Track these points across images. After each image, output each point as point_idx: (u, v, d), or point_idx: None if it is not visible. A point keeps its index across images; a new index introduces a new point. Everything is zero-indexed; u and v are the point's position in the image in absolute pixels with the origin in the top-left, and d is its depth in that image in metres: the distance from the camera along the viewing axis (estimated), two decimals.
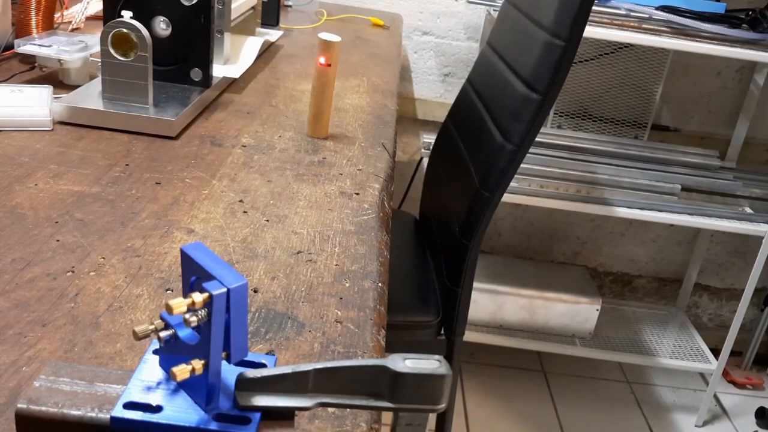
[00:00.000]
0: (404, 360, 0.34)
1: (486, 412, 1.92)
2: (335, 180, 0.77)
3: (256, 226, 0.64)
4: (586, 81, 2.04)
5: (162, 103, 0.86)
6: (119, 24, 0.80)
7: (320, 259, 0.60)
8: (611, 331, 2.07)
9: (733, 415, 2.06)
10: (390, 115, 1.05)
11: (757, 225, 1.78)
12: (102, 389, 0.36)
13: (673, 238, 2.24)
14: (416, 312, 1.16)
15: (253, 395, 0.35)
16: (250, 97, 1.02)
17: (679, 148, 2.02)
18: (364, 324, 0.52)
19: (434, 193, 1.41)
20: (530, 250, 2.25)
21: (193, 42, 0.94)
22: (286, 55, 1.31)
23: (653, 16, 1.74)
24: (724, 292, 2.31)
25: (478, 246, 1.10)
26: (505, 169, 1.05)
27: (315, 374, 0.34)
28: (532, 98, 1.01)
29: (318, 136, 0.89)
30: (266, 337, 0.48)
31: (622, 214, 1.77)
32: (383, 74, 1.27)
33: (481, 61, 1.34)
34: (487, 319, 1.95)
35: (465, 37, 2.02)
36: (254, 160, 0.79)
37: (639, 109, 2.07)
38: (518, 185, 1.78)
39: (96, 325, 0.47)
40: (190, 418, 0.34)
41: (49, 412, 0.34)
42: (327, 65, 0.86)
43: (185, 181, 0.71)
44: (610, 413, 1.99)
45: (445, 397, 0.34)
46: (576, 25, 0.96)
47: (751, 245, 2.21)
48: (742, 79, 2.05)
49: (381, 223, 0.70)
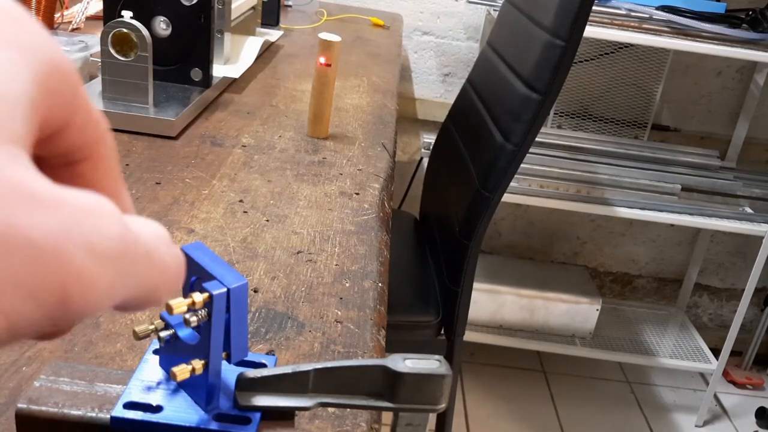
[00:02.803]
0: (404, 360, 0.34)
1: (486, 412, 1.92)
2: (335, 180, 0.77)
3: (256, 226, 0.64)
4: (586, 81, 2.04)
5: (162, 103, 0.86)
6: (119, 24, 0.80)
7: (320, 259, 0.60)
8: (611, 331, 2.07)
9: (733, 415, 2.06)
10: (390, 115, 1.05)
11: (757, 225, 1.77)
12: (102, 389, 0.36)
13: (673, 238, 2.24)
14: (416, 312, 1.16)
15: (253, 395, 0.35)
16: (250, 97, 1.02)
17: (679, 148, 2.02)
18: (364, 324, 0.52)
19: (434, 193, 1.41)
20: (530, 250, 2.25)
21: (193, 42, 0.94)
22: (286, 55, 1.31)
23: (653, 16, 1.74)
24: (724, 292, 2.31)
25: (478, 246, 1.10)
26: (505, 169, 1.05)
27: (315, 374, 0.34)
28: (532, 98, 1.01)
29: (318, 136, 0.89)
30: (266, 337, 0.48)
31: (622, 214, 1.77)
32: (383, 74, 1.27)
33: (481, 61, 1.34)
34: (487, 319, 1.95)
35: (465, 37, 2.02)
36: (254, 160, 0.79)
37: (639, 109, 2.07)
38: (518, 185, 1.78)
39: (96, 325, 0.47)
40: (191, 418, 0.34)
41: (49, 412, 0.34)
42: (327, 65, 0.86)
43: (185, 181, 0.71)
44: (610, 413, 1.99)
45: (445, 397, 0.34)
46: (576, 25, 0.96)
47: (751, 245, 2.21)
48: (742, 79, 2.05)
49: (381, 223, 0.70)
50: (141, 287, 0.21)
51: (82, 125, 0.23)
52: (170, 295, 0.24)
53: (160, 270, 0.22)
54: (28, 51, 0.19)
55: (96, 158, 0.24)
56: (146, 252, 0.21)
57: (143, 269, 0.21)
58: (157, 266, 0.22)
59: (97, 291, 0.18)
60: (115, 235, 0.19)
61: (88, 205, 0.18)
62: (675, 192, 1.84)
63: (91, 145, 0.24)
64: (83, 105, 0.23)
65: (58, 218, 0.17)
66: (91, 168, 0.24)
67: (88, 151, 0.24)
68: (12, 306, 0.16)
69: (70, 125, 0.22)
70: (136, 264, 0.20)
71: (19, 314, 0.17)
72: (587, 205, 1.77)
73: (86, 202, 0.18)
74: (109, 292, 0.19)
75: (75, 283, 0.17)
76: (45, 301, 0.17)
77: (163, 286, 0.22)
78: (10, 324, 0.17)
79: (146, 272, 0.21)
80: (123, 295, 0.20)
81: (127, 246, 0.19)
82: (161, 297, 0.23)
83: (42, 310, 0.17)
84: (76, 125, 0.23)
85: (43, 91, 0.20)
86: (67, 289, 0.17)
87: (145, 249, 0.21)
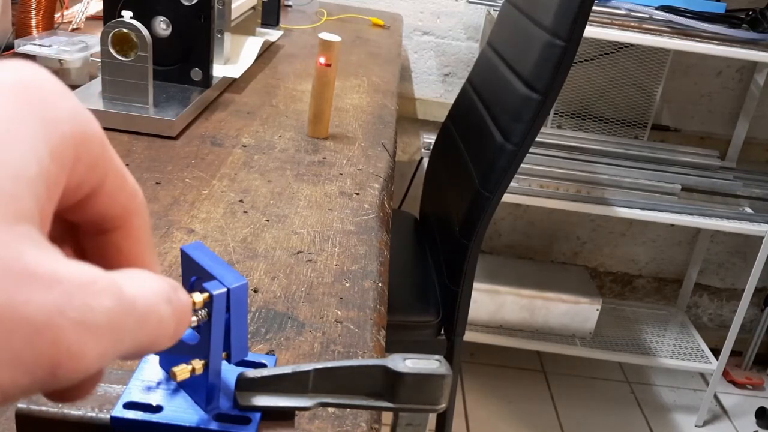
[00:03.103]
0: (404, 360, 0.34)
1: (486, 412, 1.92)
2: (335, 180, 0.77)
3: (256, 226, 0.64)
4: (586, 81, 2.04)
5: (162, 103, 0.86)
6: (119, 24, 0.80)
7: (320, 259, 0.60)
8: (611, 331, 2.07)
9: (733, 415, 2.06)
10: (390, 115, 1.05)
11: (757, 225, 1.77)
12: (102, 389, 0.36)
13: (673, 238, 2.24)
14: (416, 312, 1.16)
15: (253, 395, 0.35)
16: (250, 97, 1.02)
17: (679, 148, 2.02)
18: (364, 324, 0.52)
19: (434, 193, 1.41)
20: (530, 250, 2.25)
21: (193, 42, 0.94)
22: (286, 55, 1.31)
23: (653, 16, 1.74)
24: (724, 292, 2.31)
25: (478, 246, 1.10)
26: (505, 168, 1.05)
27: (315, 374, 0.34)
28: (532, 98, 1.01)
29: (318, 136, 0.89)
30: (266, 337, 0.48)
31: (622, 214, 1.77)
32: (383, 74, 1.27)
33: (481, 61, 1.34)
34: (487, 319, 1.95)
35: (465, 37, 2.02)
36: (254, 160, 0.79)
37: (639, 109, 2.07)
38: (518, 185, 1.78)
39: None
40: (191, 418, 0.34)
41: (49, 412, 0.34)
42: (327, 65, 0.86)
43: (185, 181, 0.71)
44: (610, 413, 1.99)
45: (445, 397, 0.34)
46: (576, 25, 0.96)
47: (751, 245, 2.21)
48: (742, 79, 2.05)
49: (381, 223, 0.70)
50: (136, 345, 0.22)
51: (114, 192, 0.24)
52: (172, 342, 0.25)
53: (154, 329, 0.23)
54: (50, 124, 0.20)
55: (128, 228, 0.25)
56: (142, 314, 0.22)
57: (139, 331, 0.22)
58: (153, 326, 0.23)
59: (86, 360, 0.19)
60: (108, 307, 0.20)
61: (84, 279, 0.20)
62: (675, 192, 1.84)
63: (123, 216, 0.25)
64: (112, 171, 0.24)
65: (54, 295, 0.18)
66: (123, 237, 0.25)
67: (119, 221, 0.25)
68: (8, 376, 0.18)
69: (99, 192, 0.23)
70: (131, 329, 0.21)
71: (12, 383, 0.18)
72: (587, 205, 1.77)
73: (82, 277, 0.20)
74: (101, 359, 0.20)
75: (65, 356, 0.19)
76: (36, 373, 0.18)
77: (161, 339, 0.24)
78: (4, 392, 0.18)
79: (143, 333, 0.22)
80: (117, 355, 0.21)
81: (119, 317, 0.20)
82: (160, 347, 0.24)
83: (32, 379, 0.18)
84: (105, 191, 0.24)
85: (63, 162, 0.21)
86: (57, 361, 0.19)
87: (141, 312, 0.22)
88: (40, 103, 0.21)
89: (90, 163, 0.22)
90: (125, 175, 0.25)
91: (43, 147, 0.20)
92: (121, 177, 0.24)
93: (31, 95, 0.21)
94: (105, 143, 0.23)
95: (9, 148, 0.19)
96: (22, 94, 0.20)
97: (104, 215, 0.24)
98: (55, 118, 0.21)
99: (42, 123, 0.20)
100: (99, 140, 0.23)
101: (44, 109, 0.21)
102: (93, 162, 0.22)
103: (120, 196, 0.25)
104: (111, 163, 0.24)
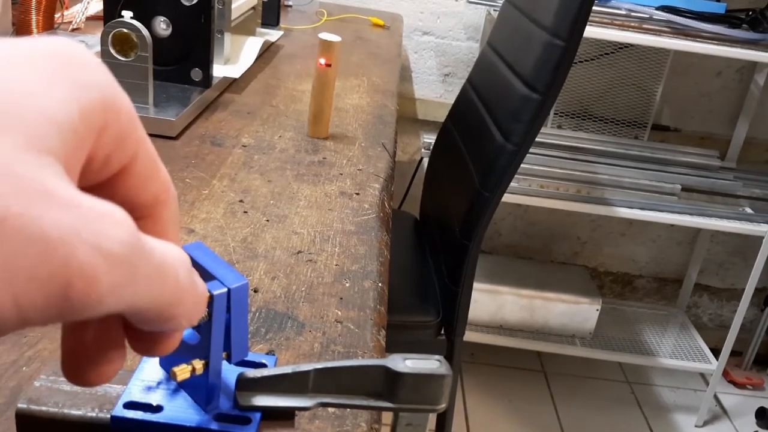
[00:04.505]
0: (404, 360, 0.34)
1: (486, 412, 1.92)
2: (335, 180, 0.77)
3: (256, 226, 0.64)
4: (586, 81, 2.04)
5: (162, 103, 0.86)
6: (119, 24, 0.80)
7: (320, 259, 0.60)
8: (611, 331, 2.07)
9: (733, 415, 2.06)
10: (390, 115, 1.05)
11: (757, 225, 1.78)
12: (102, 389, 0.36)
13: (673, 238, 2.24)
14: (416, 312, 1.16)
15: (253, 395, 0.35)
16: (250, 97, 1.02)
17: (679, 148, 2.02)
18: (365, 324, 0.52)
19: (434, 193, 1.41)
20: (530, 250, 2.25)
21: (193, 42, 0.94)
22: (286, 55, 1.31)
23: (653, 16, 1.74)
24: (724, 292, 2.31)
25: (478, 246, 1.10)
26: (505, 168, 1.05)
27: (315, 374, 0.34)
28: (532, 98, 1.01)
29: (318, 136, 0.89)
30: (266, 337, 0.48)
31: (622, 214, 1.77)
32: (383, 74, 1.27)
33: (481, 61, 1.34)
34: (487, 319, 1.95)
35: (465, 37, 2.02)
36: (254, 160, 0.79)
37: (639, 109, 2.07)
38: (518, 185, 1.78)
39: None
40: (191, 417, 0.34)
41: (49, 412, 0.34)
42: (327, 65, 0.86)
43: (185, 181, 0.71)
44: (610, 413, 1.99)
45: (445, 397, 0.34)
46: (576, 25, 0.96)
47: (751, 245, 2.21)
48: (742, 79, 2.05)
49: (381, 223, 0.70)
50: (151, 299, 0.22)
51: (144, 176, 0.24)
52: (189, 319, 0.24)
53: (172, 287, 0.23)
54: (82, 88, 0.21)
55: (156, 217, 0.26)
56: (158, 265, 0.22)
57: (153, 281, 0.22)
58: (169, 283, 0.22)
59: (99, 286, 0.19)
60: (123, 239, 0.20)
61: (103, 209, 0.20)
62: (675, 192, 1.84)
63: (153, 205, 0.25)
64: (143, 152, 0.24)
65: (71, 216, 0.18)
66: (150, 225, 0.26)
67: (149, 210, 0.25)
68: (23, 292, 0.18)
69: (129, 172, 0.24)
70: (145, 273, 0.21)
71: (28, 301, 0.18)
72: (587, 205, 1.77)
73: (102, 207, 0.20)
74: (113, 291, 0.20)
75: (77, 275, 0.18)
76: (49, 291, 0.18)
77: (177, 305, 0.23)
78: (20, 310, 0.18)
79: (157, 285, 0.22)
80: (130, 301, 0.21)
81: (135, 253, 0.20)
82: (176, 316, 0.24)
83: (47, 299, 0.18)
84: (135, 173, 0.24)
85: (91, 124, 0.21)
86: (69, 280, 0.18)
87: (157, 263, 0.22)
88: (73, 67, 0.21)
89: (118, 135, 0.22)
90: (157, 162, 0.25)
91: (74, 105, 0.20)
92: (152, 162, 0.25)
93: (66, 60, 0.21)
94: (135, 120, 0.23)
95: (43, 95, 0.20)
96: (57, 57, 0.21)
97: (134, 201, 0.24)
98: (87, 82, 0.21)
99: (74, 85, 0.21)
100: (128, 114, 0.23)
101: (77, 73, 0.21)
102: (121, 134, 0.22)
103: (150, 184, 0.25)
104: (142, 144, 0.24)
